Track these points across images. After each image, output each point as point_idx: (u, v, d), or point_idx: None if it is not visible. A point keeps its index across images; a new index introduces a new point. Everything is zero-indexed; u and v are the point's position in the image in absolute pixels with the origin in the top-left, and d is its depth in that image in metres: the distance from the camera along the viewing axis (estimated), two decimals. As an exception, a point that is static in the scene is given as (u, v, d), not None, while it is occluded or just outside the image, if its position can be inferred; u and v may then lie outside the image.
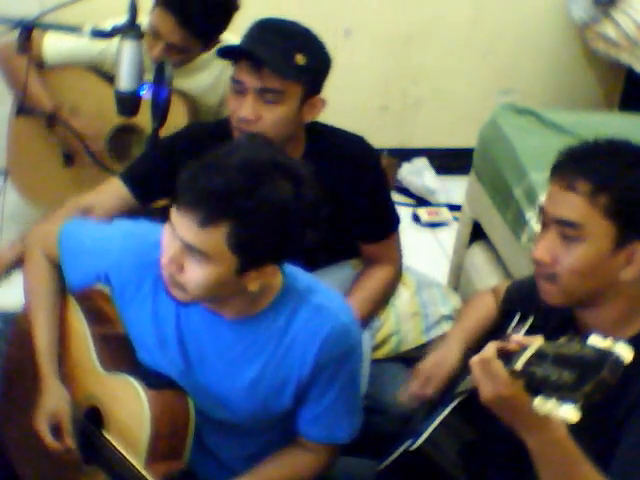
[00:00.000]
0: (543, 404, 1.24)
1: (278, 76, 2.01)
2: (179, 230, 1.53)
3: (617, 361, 1.22)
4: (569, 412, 1.21)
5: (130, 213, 2.16)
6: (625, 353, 1.23)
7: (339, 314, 1.71)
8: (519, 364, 1.31)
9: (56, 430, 1.77)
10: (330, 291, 1.76)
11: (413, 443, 1.76)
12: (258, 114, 2.04)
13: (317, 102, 2.12)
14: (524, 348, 1.33)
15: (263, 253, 1.57)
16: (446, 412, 1.78)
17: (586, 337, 1.26)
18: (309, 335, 1.68)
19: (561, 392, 1.23)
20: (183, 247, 1.54)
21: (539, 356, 1.29)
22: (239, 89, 2.06)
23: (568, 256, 1.55)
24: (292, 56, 2.02)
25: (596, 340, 1.25)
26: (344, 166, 2.19)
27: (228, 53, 2.13)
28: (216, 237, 1.51)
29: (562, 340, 1.29)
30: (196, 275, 1.55)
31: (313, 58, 2.05)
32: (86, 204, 2.22)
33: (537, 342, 1.32)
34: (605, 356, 1.22)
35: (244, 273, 1.57)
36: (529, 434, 1.41)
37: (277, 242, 1.56)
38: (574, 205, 1.53)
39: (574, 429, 1.40)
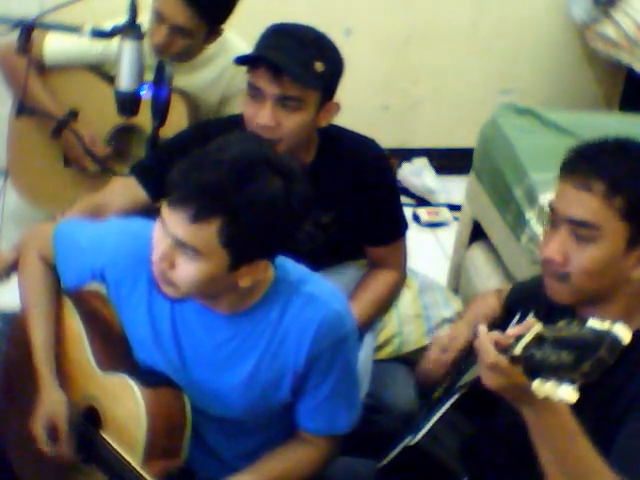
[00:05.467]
0: (542, 386, 1.25)
1: (298, 84, 2.01)
2: (170, 226, 1.53)
3: (615, 340, 1.23)
4: (568, 392, 1.22)
5: (141, 212, 2.16)
6: (623, 334, 1.24)
7: (331, 302, 1.71)
8: (518, 349, 1.32)
9: (53, 433, 1.77)
10: (321, 280, 1.76)
11: (413, 439, 1.76)
12: (277, 121, 2.03)
13: (332, 107, 2.12)
14: (522, 335, 1.34)
15: (254, 249, 1.57)
16: (446, 407, 1.78)
17: (585, 320, 1.27)
18: (302, 325, 1.68)
19: (559, 373, 1.24)
20: (174, 243, 1.54)
21: (538, 340, 1.30)
22: (257, 95, 2.04)
23: (581, 256, 1.55)
24: (312, 63, 2.01)
25: (594, 322, 1.26)
26: (356, 169, 2.20)
27: (246, 60, 2.11)
28: (207, 233, 1.51)
29: (561, 324, 1.31)
30: (187, 271, 1.56)
31: (330, 64, 2.05)
32: (96, 204, 2.22)
33: (536, 327, 1.33)
34: (603, 336, 1.23)
35: (235, 269, 1.57)
36: (534, 415, 1.40)
37: (268, 238, 1.57)
38: (589, 205, 1.53)
39: (579, 420, 1.41)
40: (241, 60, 2.10)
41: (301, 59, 2.00)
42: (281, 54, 2.00)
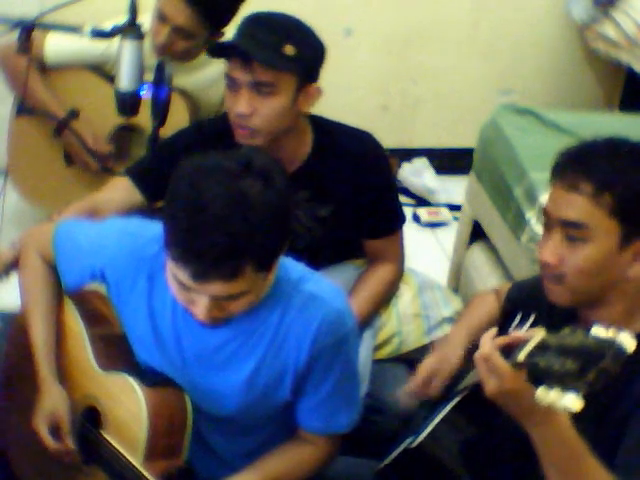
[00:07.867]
0: (546, 394, 1.25)
1: (268, 68, 2.02)
2: (208, 292, 1.54)
3: (619, 350, 1.23)
4: (572, 401, 1.22)
5: (136, 212, 2.16)
6: (628, 342, 1.24)
7: (332, 301, 1.71)
8: (522, 356, 1.32)
9: (55, 431, 1.77)
10: (322, 279, 1.77)
11: (414, 440, 1.76)
12: (253, 108, 2.06)
13: (312, 91, 2.13)
14: (526, 341, 1.34)
15: (277, 256, 1.60)
16: (448, 409, 1.78)
17: (589, 328, 1.27)
18: (304, 323, 1.69)
19: (564, 381, 1.23)
20: (216, 300, 1.56)
21: (542, 347, 1.30)
22: (233, 85, 2.08)
23: (574, 257, 1.56)
24: (281, 47, 2.02)
25: (599, 330, 1.26)
26: (352, 162, 2.21)
27: (218, 51, 2.14)
28: (245, 277, 1.53)
29: (565, 331, 1.30)
30: (242, 306, 1.60)
31: (303, 47, 2.06)
32: (92, 204, 2.22)
33: (539, 334, 1.33)
34: (607, 345, 1.23)
35: (265, 279, 1.61)
36: (534, 426, 1.41)
37: (284, 240, 1.59)
38: (578, 206, 1.54)
39: (580, 424, 1.41)
40: (212, 52, 2.14)
41: (270, 43, 2.02)
42: (249, 41, 2.03)
